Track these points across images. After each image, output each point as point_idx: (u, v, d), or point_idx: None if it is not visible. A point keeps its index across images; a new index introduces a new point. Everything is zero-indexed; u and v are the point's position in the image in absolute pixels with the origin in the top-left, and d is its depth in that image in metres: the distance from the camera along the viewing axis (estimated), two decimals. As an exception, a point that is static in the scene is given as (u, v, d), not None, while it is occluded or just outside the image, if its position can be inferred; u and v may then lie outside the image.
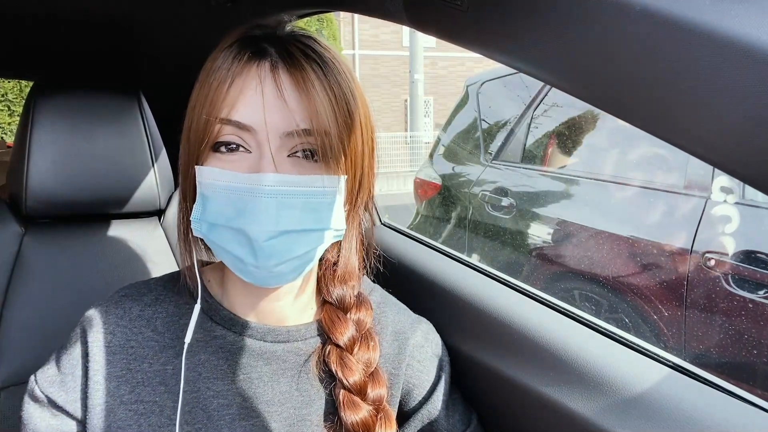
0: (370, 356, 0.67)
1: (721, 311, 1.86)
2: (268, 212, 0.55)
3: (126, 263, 1.07)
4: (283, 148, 0.57)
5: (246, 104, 0.56)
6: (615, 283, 2.20)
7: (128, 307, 0.66)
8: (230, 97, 0.57)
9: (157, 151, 1.09)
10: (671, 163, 2.18)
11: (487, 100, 3.24)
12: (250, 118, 0.56)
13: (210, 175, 0.58)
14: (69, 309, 0.98)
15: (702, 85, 0.35)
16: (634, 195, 2.27)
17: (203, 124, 0.58)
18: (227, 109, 0.57)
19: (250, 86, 0.57)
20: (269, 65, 0.57)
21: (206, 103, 0.58)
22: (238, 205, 0.56)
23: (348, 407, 0.64)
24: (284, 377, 0.66)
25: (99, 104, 1.04)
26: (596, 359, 0.67)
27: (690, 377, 0.64)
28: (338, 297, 0.69)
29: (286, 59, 0.58)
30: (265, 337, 0.66)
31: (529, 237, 2.63)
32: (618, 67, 0.40)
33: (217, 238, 0.59)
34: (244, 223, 0.55)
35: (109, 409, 0.61)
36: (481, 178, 2.99)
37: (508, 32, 0.48)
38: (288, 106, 0.56)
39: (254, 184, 0.55)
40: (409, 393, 0.73)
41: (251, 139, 0.57)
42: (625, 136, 2.40)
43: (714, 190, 1.98)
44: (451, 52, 16.88)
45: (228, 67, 0.58)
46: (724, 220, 1.91)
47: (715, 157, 0.37)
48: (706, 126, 0.36)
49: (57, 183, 1.00)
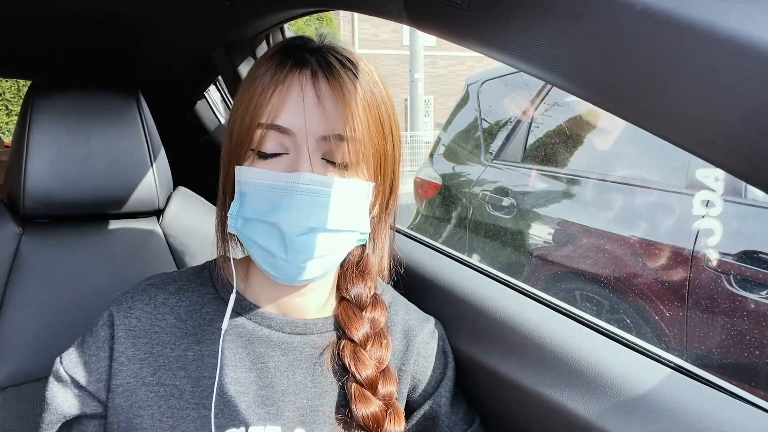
0: (382, 354, 0.70)
1: (723, 312, 1.87)
2: (302, 209, 0.59)
3: (124, 263, 1.07)
4: (317, 150, 0.61)
5: (288, 110, 0.61)
6: (616, 283, 2.20)
7: (154, 294, 0.69)
8: (273, 103, 0.61)
9: (156, 150, 1.09)
10: (674, 163, 2.18)
11: (487, 99, 3.24)
12: (291, 123, 0.61)
13: (250, 174, 0.62)
14: (67, 310, 0.98)
15: (702, 83, 0.35)
16: (637, 195, 2.27)
17: (246, 128, 0.62)
18: (270, 114, 0.61)
19: (292, 93, 0.61)
20: (310, 74, 0.62)
21: (249, 108, 0.62)
22: (274, 201, 0.60)
23: (359, 401, 0.67)
24: (299, 368, 0.69)
25: (97, 104, 1.04)
26: (598, 360, 0.67)
27: (692, 378, 0.64)
28: (356, 295, 0.72)
29: (325, 68, 0.62)
30: (284, 328, 0.69)
31: (530, 237, 2.63)
32: (619, 66, 0.40)
33: (251, 233, 0.63)
34: (279, 218, 0.59)
35: (131, 389, 0.65)
36: (481, 178, 2.99)
37: (509, 31, 0.48)
38: (326, 112, 0.61)
39: (291, 181, 0.60)
40: (414, 388, 0.75)
41: (290, 142, 0.61)
42: (629, 135, 2.40)
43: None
44: (452, 51, 16.89)
45: (272, 75, 0.62)
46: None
47: (715, 156, 0.37)
48: (706, 124, 0.36)
49: (55, 183, 1.00)
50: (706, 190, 1.98)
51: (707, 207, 1.96)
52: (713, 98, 0.35)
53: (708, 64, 0.34)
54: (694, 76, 0.35)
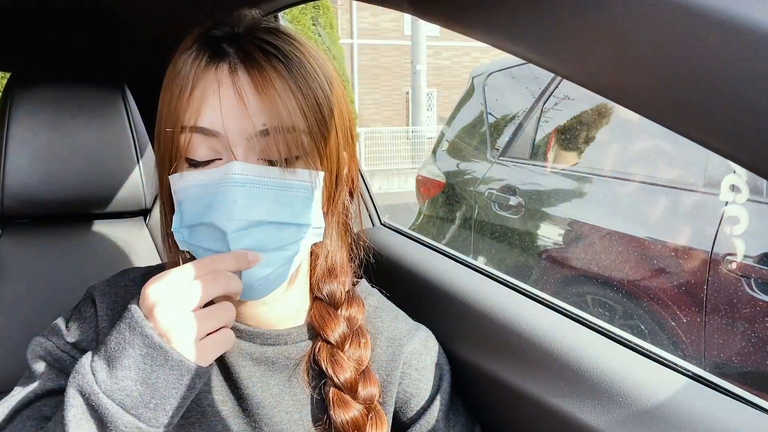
0: (361, 354, 0.69)
1: (743, 317, 1.86)
2: (236, 201, 0.57)
3: (109, 266, 1.07)
4: (250, 151, 0.59)
5: (210, 109, 0.59)
6: (630, 287, 2.20)
7: (131, 276, 0.72)
8: (193, 103, 0.59)
9: (143, 147, 1.09)
10: (690, 159, 2.18)
11: (493, 93, 3.24)
12: (214, 124, 0.58)
13: (182, 180, 0.60)
14: (49, 314, 0.98)
15: (723, 75, 0.35)
16: (653, 193, 2.27)
17: (170, 133, 0.60)
18: (192, 116, 0.59)
19: (210, 91, 0.59)
20: (227, 68, 0.59)
21: (171, 111, 0.60)
22: (206, 200, 0.58)
23: (338, 405, 0.66)
24: (273, 380, 0.69)
25: (80, 97, 1.04)
26: (610, 368, 0.67)
27: (710, 388, 0.64)
28: (328, 293, 0.71)
29: (245, 60, 0.60)
30: (255, 339, 0.69)
31: (539, 238, 2.63)
32: (632, 57, 0.40)
33: (197, 240, 0.61)
34: (214, 216, 0.57)
35: None
36: (487, 176, 2.99)
37: (516, 19, 0.48)
38: (248, 109, 0.58)
39: (222, 174, 0.58)
40: (406, 403, 0.74)
41: (219, 145, 0.59)
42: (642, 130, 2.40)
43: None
44: (456, 41, 16.89)
45: (187, 73, 0.60)
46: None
47: (738, 154, 0.37)
48: (728, 119, 0.36)
49: (36, 181, 0.99)
50: (733, 175, 1.95)
51: (733, 192, 1.94)
52: (735, 90, 0.34)
53: (732, 55, 0.34)
54: (714, 67, 0.35)
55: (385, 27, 16.96)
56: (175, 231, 0.62)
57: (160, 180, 0.65)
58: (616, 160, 2.49)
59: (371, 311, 0.75)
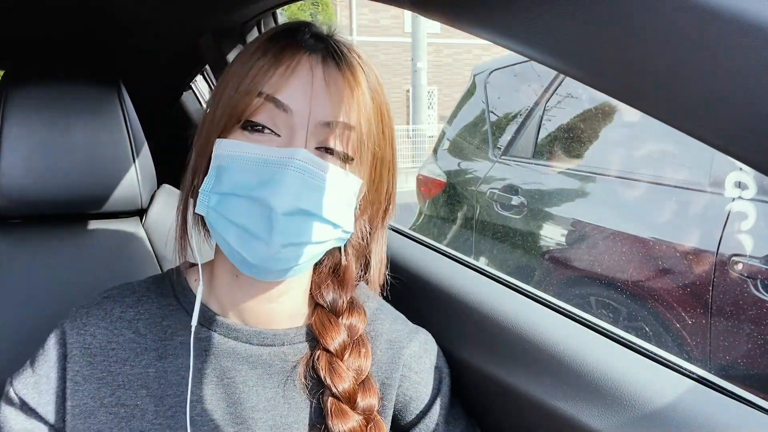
0: (361, 363, 0.69)
1: (749, 319, 1.86)
2: (293, 186, 0.59)
3: (105, 267, 1.07)
4: (314, 136, 0.61)
5: (292, 87, 0.61)
6: (635, 288, 2.20)
7: (109, 308, 0.68)
8: (276, 76, 0.61)
9: (139, 146, 1.09)
10: (695, 158, 2.18)
11: (495, 91, 3.24)
12: (293, 101, 0.60)
13: (236, 147, 0.61)
14: (43, 316, 0.98)
15: (729, 73, 0.35)
16: (657, 193, 2.27)
17: (242, 95, 0.61)
18: (270, 87, 0.61)
19: (300, 73, 0.61)
20: (321, 57, 0.63)
21: (247, 76, 0.61)
22: (263, 175, 0.59)
23: (336, 416, 0.66)
24: (270, 383, 0.68)
25: (75, 95, 1.04)
26: (612, 370, 0.67)
27: (716, 390, 0.64)
28: (331, 300, 0.72)
29: (336, 55, 0.64)
30: (251, 339, 0.68)
31: (542, 239, 2.63)
32: (636, 54, 0.40)
33: (227, 210, 0.61)
34: (268, 193, 0.58)
35: (89, 411, 0.64)
36: (489, 175, 2.99)
37: (518, 16, 0.48)
38: (332, 98, 0.61)
39: (286, 156, 0.59)
40: (406, 406, 0.74)
41: (284, 123, 0.61)
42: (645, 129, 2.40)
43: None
44: (457, 38, 16.89)
45: (277, 51, 0.62)
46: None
47: (743, 153, 0.37)
48: (733, 117, 0.36)
49: (30, 180, 0.99)
50: (738, 171, 1.95)
51: (740, 188, 1.94)
52: (741, 88, 0.34)
53: (737, 52, 0.34)
54: (720, 65, 0.35)
55: (385, 24, 16.96)
56: (203, 192, 0.63)
57: (201, 146, 0.66)
58: (620, 160, 2.49)
59: (371, 314, 0.75)
